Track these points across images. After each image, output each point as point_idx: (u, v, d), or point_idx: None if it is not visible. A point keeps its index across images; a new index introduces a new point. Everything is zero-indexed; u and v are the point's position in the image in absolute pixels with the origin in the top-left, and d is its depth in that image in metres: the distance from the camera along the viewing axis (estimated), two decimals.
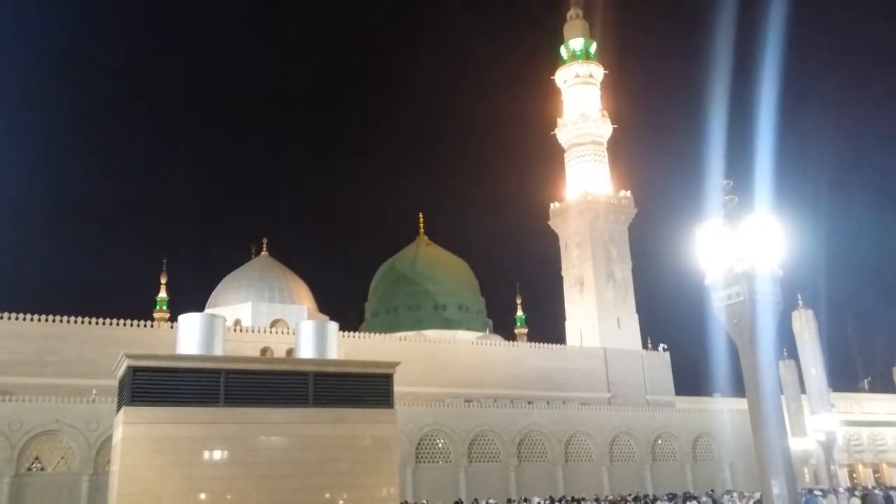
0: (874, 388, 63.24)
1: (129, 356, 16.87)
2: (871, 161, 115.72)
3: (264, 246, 58.92)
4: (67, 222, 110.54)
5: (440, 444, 38.95)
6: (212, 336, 18.45)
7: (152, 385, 16.51)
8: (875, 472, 50.26)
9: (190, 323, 18.63)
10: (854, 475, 48.50)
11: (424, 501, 25.06)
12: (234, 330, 41.54)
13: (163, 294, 71.15)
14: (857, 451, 50.18)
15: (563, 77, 66.83)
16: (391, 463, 18.68)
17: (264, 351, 39.98)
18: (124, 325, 39.65)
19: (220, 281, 56.30)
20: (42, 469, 31.68)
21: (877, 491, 30.13)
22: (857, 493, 29.00)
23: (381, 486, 17.83)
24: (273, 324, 48.85)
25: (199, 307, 50.98)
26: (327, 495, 17.24)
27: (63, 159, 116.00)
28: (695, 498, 25.85)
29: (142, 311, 67.68)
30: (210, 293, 55.82)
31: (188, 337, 18.29)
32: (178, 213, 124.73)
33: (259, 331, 44.08)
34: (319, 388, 18.03)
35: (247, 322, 48.37)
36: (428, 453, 38.53)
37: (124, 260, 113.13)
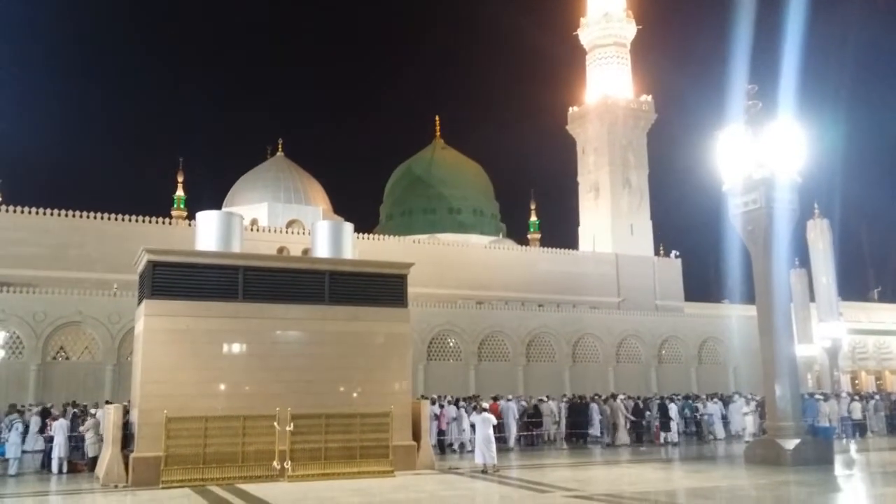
0: (884, 299, 63.59)
1: (149, 251, 17.29)
2: None
3: (280, 146, 58.74)
4: (86, 118, 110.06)
5: (451, 344, 40.01)
6: (229, 234, 18.80)
7: (172, 279, 17.00)
8: (877, 379, 51.37)
9: (208, 220, 18.95)
10: (856, 381, 49.59)
11: (435, 396, 25.97)
12: (251, 229, 41.99)
13: (180, 193, 71.55)
14: (861, 359, 51.12)
15: None
16: (404, 359, 19.37)
17: (281, 250, 40.52)
18: (143, 221, 40.18)
19: (236, 181, 56.54)
20: (67, 358, 32.96)
21: (877, 396, 30.89)
22: (856, 397, 29.73)
23: (393, 381, 18.57)
24: (289, 224, 49.28)
25: (216, 207, 51.32)
26: (342, 388, 17.98)
27: (79, 54, 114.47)
28: (671, 399, 26.46)
29: (159, 209, 68.39)
30: (226, 193, 56.17)
31: (206, 234, 18.66)
32: (193, 111, 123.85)
33: (275, 231, 44.55)
34: (335, 286, 18.52)
35: (263, 222, 48.87)
36: (439, 352, 39.65)
37: (141, 158, 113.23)
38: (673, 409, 25.27)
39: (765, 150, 19.43)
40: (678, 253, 55.49)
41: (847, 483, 15.82)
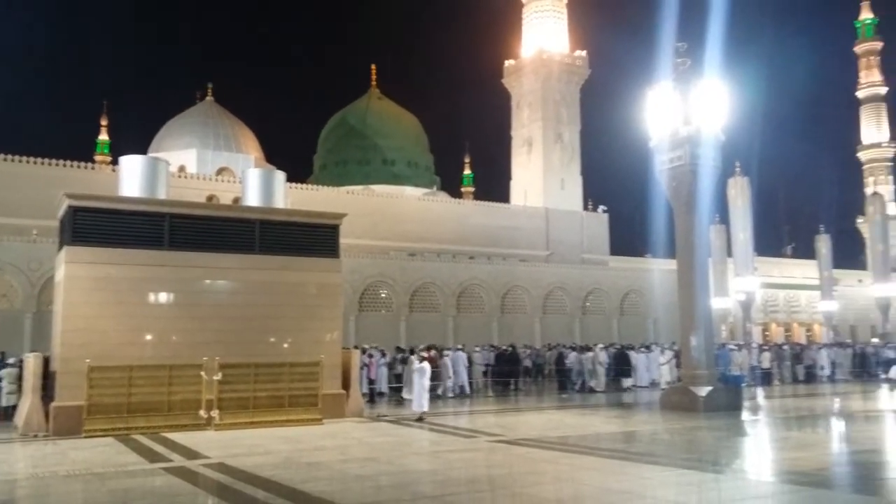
0: (797, 255, 66.74)
1: (69, 196, 16.71)
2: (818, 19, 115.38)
3: (209, 91, 56.84)
4: (3, 56, 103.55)
5: (383, 295, 40.25)
6: (154, 180, 18.32)
7: (94, 225, 16.50)
8: (786, 330, 54.33)
9: (132, 165, 18.40)
10: (766, 333, 52.33)
11: (366, 346, 26.20)
12: (179, 176, 40.83)
13: (104, 137, 68.79)
14: (772, 311, 53.95)
15: None
16: (335, 309, 19.45)
17: (210, 198, 39.62)
18: (65, 166, 38.61)
19: (163, 126, 54.60)
20: None
21: (785, 347, 32.71)
22: (766, 348, 31.41)
23: (324, 331, 18.65)
24: (219, 172, 48.12)
25: (142, 152, 49.49)
26: (272, 338, 17.96)
27: None
28: (589, 349, 27.57)
29: (82, 153, 65.60)
30: (152, 138, 54.23)
31: (130, 180, 18.13)
32: (119, 52, 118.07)
33: (204, 178, 43.48)
34: (265, 235, 18.33)
35: (191, 169, 47.54)
36: (371, 302, 39.86)
37: (63, 100, 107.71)
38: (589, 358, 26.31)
39: (691, 108, 19.98)
40: (606, 208, 56.88)
41: (752, 428, 16.85)
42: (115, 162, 48.48)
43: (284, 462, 11.72)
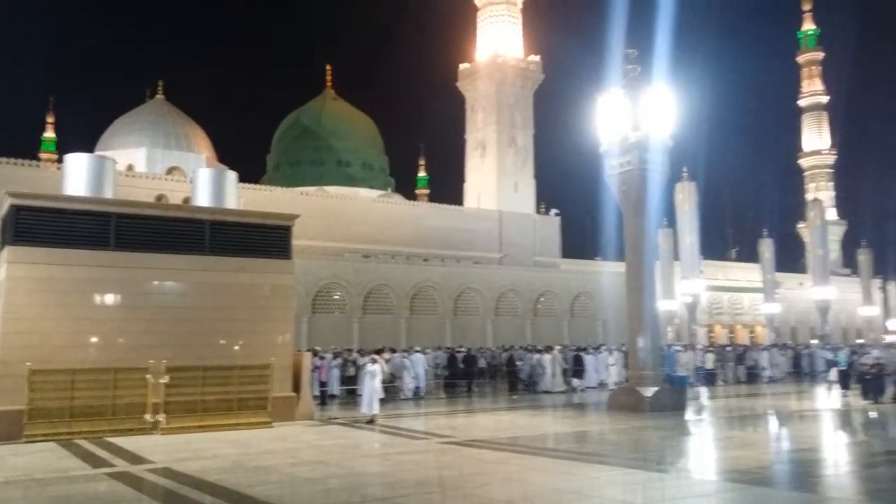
0: (741, 258, 68.55)
1: (11, 194, 16.27)
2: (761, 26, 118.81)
3: (160, 89, 55.71)
4: None
5: (337, 297, 40.05)
6: (101, 179, 17.96)
7: (37, 225, 16.11)
8: (730, 332, 55.78)
9: (77, 164, 18.02)
10: (711, 334, 53.64)
11: (318, 348, 26.05)
12: (127, 175, 39.99)
13: (49, 134, 66.94)
14: (717, 313, 55.33)
15: None
16: (287, 311, 19.31)
17: (159, 198, 38.88)
18: (8, 163, 37.45)
19: (112, 123, 53.33)
20: None
21: (728, 348, 33.56)
22: (710, 349, 32.21)
23: (275, 333, 18.49)
24: (169, 171, 47.27)
25: (89, 150, 48.30)
26: (223, 340, 17.74)
27: None
28: (539, 351, 27.94)
29: (26, 152, 63.62)
30: (101, 136, 52.92)
31: (75, 178, 17.76)
32: (67, 46, 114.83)
33: (154, 177, 42.65)
34: (217, 236, 18.11)
35: (140, 168, 46.60)
36: (324, 304, 39.62)
37: (6, 95, 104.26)
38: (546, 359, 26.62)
39: (640, 114, 20.40)
40: (558, 211, 57.58)
41: (696, 427, 17.28)
42: (60, 160, 47.27)
43: (232, 466, 11.60)
